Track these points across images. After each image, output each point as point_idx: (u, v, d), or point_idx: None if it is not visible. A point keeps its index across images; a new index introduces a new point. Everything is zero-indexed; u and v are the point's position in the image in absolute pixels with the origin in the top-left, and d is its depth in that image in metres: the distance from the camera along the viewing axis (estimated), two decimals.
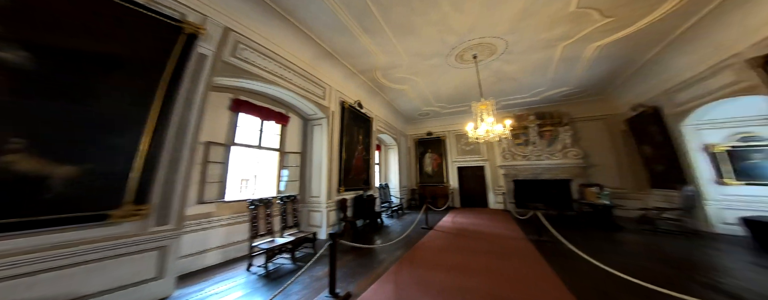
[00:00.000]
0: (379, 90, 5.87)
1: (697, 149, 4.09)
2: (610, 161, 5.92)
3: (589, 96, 6.08)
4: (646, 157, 5.14)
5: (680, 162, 4.26)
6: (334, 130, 4.61)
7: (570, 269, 2.39)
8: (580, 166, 5.97)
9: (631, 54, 3.99)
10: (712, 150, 3.98)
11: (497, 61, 4.46)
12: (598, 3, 2.82)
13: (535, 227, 3.65)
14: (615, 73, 4.75)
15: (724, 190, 3.82)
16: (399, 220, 5.60)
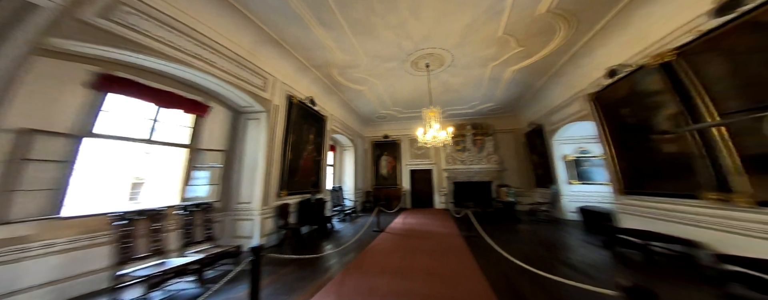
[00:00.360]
0: (336, 88, 5.55)
1: (559, 158, 5.78)
2: (515, 166, 7.73)
3: (506, 112, 7.70)
4: (534, 163, 6.99)
5: (550, 167, 5.94)
6: (277, 127, 4.01)
7: (487, 259, 2.86)
8: (497, 170, 7.55)
9: (531, 80, 5.21)
10: (566, 159, 5.72)
11: (445, 73, 4.92)
12: (515, 32, 3.47)
13: (466, 224, 4.21)
14: (521, 95, 6.12)
15: (571, 188, 5.60)
16: (352, 224, 5.49)
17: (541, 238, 3.93)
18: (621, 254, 2.93)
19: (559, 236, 4.01)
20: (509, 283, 2.20)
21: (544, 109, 6.02)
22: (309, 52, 3.93)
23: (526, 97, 6.16)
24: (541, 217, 5.52)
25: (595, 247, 3.29)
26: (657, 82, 2.78)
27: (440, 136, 4.17)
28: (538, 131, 6.38)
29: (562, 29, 3.32)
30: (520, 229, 4.60)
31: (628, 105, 3.32)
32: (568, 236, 4.00)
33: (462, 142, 7.99)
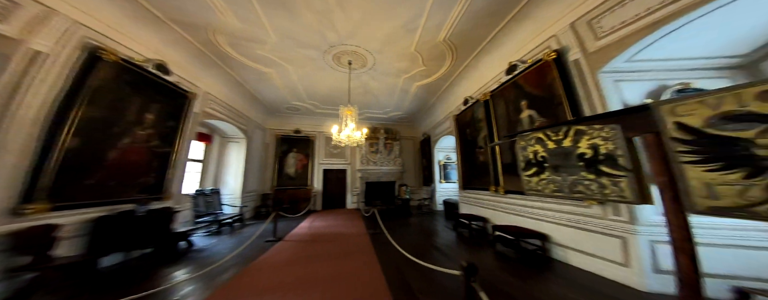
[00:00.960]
0: (223, 62, 4.31)
1: (436, 162, 7.78)
2: (412, 168, 9.37)
3: (409, 122, 9.17)
4: (423, 166, 8.86)
5: (432, 170, 7.86)
6: (43, 90, 2.37)
7: (387, 254, 3.19)
8: (400, 171, 8.78)
9: (427, 97, 6.56)
10: (440, 163, 7.80)
11: (366, 75, 5.06)
12: (422, 51, 4.17)
13: (373, 222, 4.53)
14: (420, 108, 7.54)
15: (441, 186, 7.70)
16: (232, 236, 4.31)
17: (423, 228, 5.01)
18: (460, 233, 4.42)
19: (433, 225, 5.32)
20: (401, 275, 2.49)
21: (432, 123, 7.84)
22: (173, 1, 2.77)
23: (423, 110, 7.72)
24: (424, 210, 7.17)
25: (449, 230, 4.70)
26: (482, 112, 4.43)
27: (355, 136, 4.23)
28: (427, 140, 8.24)
29: (448, 59, 4.38)
30: (411, 222, 5.61)
31: (469, 126, 5.05)
32: (437, 224, 5.41)
33: (376, 145, 8.65)
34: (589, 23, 2.58)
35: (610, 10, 2.36)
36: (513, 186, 3.60)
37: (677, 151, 0.78)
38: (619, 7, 2.28)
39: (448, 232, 4.53)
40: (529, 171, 1.23)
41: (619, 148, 0.95)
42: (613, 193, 0.96)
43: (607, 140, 0.98)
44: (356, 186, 8.32)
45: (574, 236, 2.68)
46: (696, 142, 0.75)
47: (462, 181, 5.44)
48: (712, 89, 0.74)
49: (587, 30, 2.61)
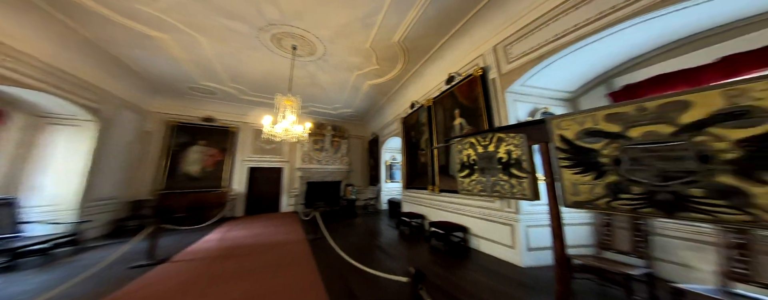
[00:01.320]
0: (52, 6, 3.06)
1: (383, 162, 8.03)
2: (359, 167, 9.25)
3: (359, 120, 9.05)
4: (371, 166, 8.94)
5: (378, 169, 8.04)
6: None
7: (329, 262, 2.97)
8: (347, 171, 8.52)
9: (377, 98, 6.67)
10: (386, 163, 8.09)
11: (314, 65, 4.65)
12: (377, 49, 4.19)
13: (313, 226, 4.13)
14: (370, 108, 7.58)
15: (387, 185, 7.98)
16: (49, 269, 2.82)
17: (368, 228, 5.00)
18: (402, 231, 4.69)
19: (377, 224, 5.40)
20: (345, 284, 2.33)
21: (381, 123, 8.05)
22: None
23: (373, 110, 7.80)
24: (370, 210, 7.20)
25: (392, 229, 4.90)
26: (425, 117, 4.89)
27: (296, 130, 3.77)
28: (376, 140, 8.38)
29: (401, 61, 4.59)
30: (356, 223, 5.51)
31: (414, 129, 5.47)
32: (381, 223, 5.53)
33: (321, 142, 8.09)
34: (504, 48, 3.14)
35: (518, 40, 2.96)
36: (446, 185, 4.10)
37: (558, 157, 1.04)
38: (524, 39, 2.89)
39: (391, 231, 4.71)
40: (463, 173, 1.39)
41: (524, 154, 1.18)
42: (518, 192, 1.19)
43: (517, 147, 1.20)
44: (295, 186, 7.62)
45: (484, 227, 3.25)
46: (569, 151, 1.01)
47: (405, 181, 5.80)
48: (580, 110, 1.01)
49: (502, 54, 3.17)
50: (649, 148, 0.81)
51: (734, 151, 0.67)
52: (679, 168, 0.75)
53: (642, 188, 0.82)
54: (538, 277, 2.40)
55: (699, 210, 0.71)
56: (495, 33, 3.25)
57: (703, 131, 0.72)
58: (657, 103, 0.80)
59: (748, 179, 0.64)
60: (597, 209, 0.92)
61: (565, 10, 2.44)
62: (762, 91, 0.63)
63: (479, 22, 3.29)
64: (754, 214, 0.63)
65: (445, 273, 2.57)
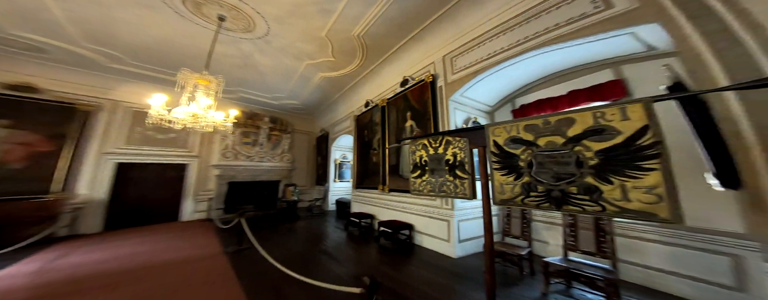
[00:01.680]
0: None
1: (332, 161, 7.73)
2: (305, 166, 8.56)
3: (307, 114, 8.39)
4: (318, 164, 8.42)
5: (327, 168, 7.68)
6: None
7: (257, 275, 2.58)
8: (288, 169, 7.73)
9: (331, 92, 6.37)
10: (336, 162, 7.83)
11: (250, 44, 4.02)
12: (334, 40, 3.98)
13: (237, 235, 3.49)
14: (322, 102, 7.15)
15: (335, 185, 7.71)
16: None
17: (312, 232, 4.67)
18: (350, 232, 4.63)
19: (324, 227, 5.13)
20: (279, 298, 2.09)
21: (332, 120, 7.73)
22: None
23: (324, 105, 7.40)
24: (315, 212, 6.74)
25: (340, 230, 4.77)
26: (379, 116, 5.02)
27: (213, 117, 3.05)
28: (325, 137, 7.97)
29: (358, 57, 4.52)
30: (298, 227, 5.06)
31: (367, 128, 5.54)
32: (328, 225, 5.29)
33: (254, 135, 7.03)
34: (451, 59, 3.49)
35: (461, 54, 3.37)
36: (396, 185, 4.31)
37: (492, 161, 1.24)
38: (466, 53, 3.31)
39: (339, 233, 4.59)
40: (416, 173, 1.49)
41: (466, 157, 1.37)
42: (460, 192, 1.36)
43: (461, 150, 1.38)
44: (209, 188, 6.26)
45: (426, 223, 3.56)
46: (499, 155, 1.23)
47: (356, 181, 5.77)
48: (508, 120, 1.24)
49: (449, 65, 3.52)
50: (549, 154, 1.08)
51: (594, 159, 0.96)
52: (566, 171, 1.03)
53: (543, 187, 1.08)
54: (466, 265, 2.82)
55: (575, 204, 0.99)
56: (446, 43, 3.56)
57: (579, 143, 1.00)
58: (556, 118, 1.07)
59: (602, 180, 0.94)
60: (516, 205, 1.16)
61: (495, 34, 2.96)
62: (612, 115, 0.94)
63: (435, 31, 3.54)
64: (603, 205, 0.93)
65: (394, 272, 2.69)
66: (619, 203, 0.90)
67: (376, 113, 5.15)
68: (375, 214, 4.85)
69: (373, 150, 5.21)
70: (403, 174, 4.12)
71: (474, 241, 3.32)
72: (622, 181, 0.89)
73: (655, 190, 0.82)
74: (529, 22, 2.61)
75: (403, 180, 4.11)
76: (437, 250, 3.34)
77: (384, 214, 4.56)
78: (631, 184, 0.87)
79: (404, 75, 4.40)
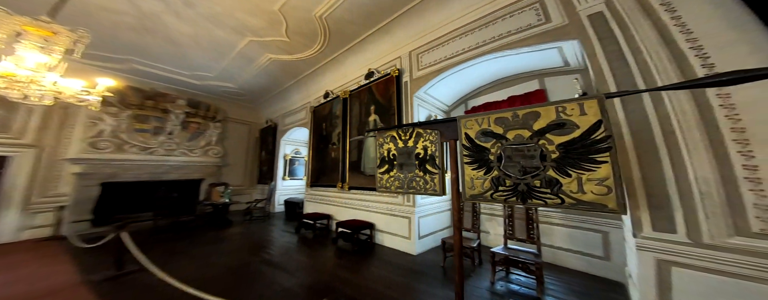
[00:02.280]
0: None
1: (281, 156, 6.96)
2: (241, 161, 7.40)
3: (247, 101, 7.26)
4: (262, 160, 7.43)
5: (274, 164, 6.85)
6: None
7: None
8: (217, 165, 6.53)
9: (282, 78, 5.67)
10: (286, 158, 7.08)
11: (160, 4, 3.19)
12: (290, 19, 3.50)
13: (115, 255, 2.58)
14: (269, 88, 6.30)
15: (284, 183, 6.96)
16: None
17: (251, 239, 4.03)
18: (303, 236, 4.21)
19: (267, 231, 4.51)
20: None
21: (282, 110, 6.93)
22: None
23: (272, 92, 6.54)
24: (256, 215, 5.86)
25: (290, 234, 4.29)
26: (340, 109, 4.77)
27: (62, 85, 2.15)
28: (273, 129, 7.09)
29: (319, 43, 4.11)
30: (230, 235, 4.29)
31: (326, 121, 5.19)
32: (273, 229, 4.69)
33: (157, 120, 5.59)
34: (418, 56, 3.54)
35: (427, 51, 3.43)
36: (356, 182, 4.14)
37: (463, 154, 1.22)
38: (432, 51, 3.38)
39: (288, 238, 4.12)
40: (383, 168, 1.36)
41: (437, 150, 1.32)
42: (430, 187, 1.31)
43: (432, 143, 1.32)
44: (58, 193, 4.45)
45: (388, 221, 3.54)
46: (471, 148, 1.22)
47: (311, 178, 5.33)
48: (480, 112, 1.24)
49: (415, 61, 3.55)
50: (517, 147, 1.11)
51: (556, 152, 1.02)
52: (532, 164, 1.07)
53: (511, 181, 1.11)
54: (426, 262, 2.90)
55: (538, 197, 1.04)
56: (413, 39, 3.59)
57: (544, 136, 1.06)
58: (524, 112, 1.11)
59: (561, 173, 1.00)
60: (485, 201, 1.16)
61: (459, 34, 3.10)
62: (572, 109, 1.01)
63: (403, 24, 3.50)
64: (562, 198, 0.99)
65: (353, 276, 2.53)
66: (575, 195, 0.97)
67: (337, 105, 4.84)
68: (333, 214, 4.57)
69: (332, 145, 4.88)
70: (366, 170, 3.98)
71: (432, 236, 3.47)
72: (579, 174, 0.97)
73: (605, 182, 0.91)
74: (488, 27, 2.84)
75: (365, 177, 3.97)
76: (398, 248, 3.34)
77: (343, 214, 4.33)
78: (586, 176, 0.95)
79: (370, 67, 4.25)
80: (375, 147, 1.43)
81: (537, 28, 2.45)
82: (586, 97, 0.99)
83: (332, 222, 4.49)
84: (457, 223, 1.23)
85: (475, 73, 3.37)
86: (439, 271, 2.61)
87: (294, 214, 5.67)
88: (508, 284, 2.24)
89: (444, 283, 2.33)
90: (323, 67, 4.98)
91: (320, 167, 5.14)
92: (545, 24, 2.40)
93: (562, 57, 2.77)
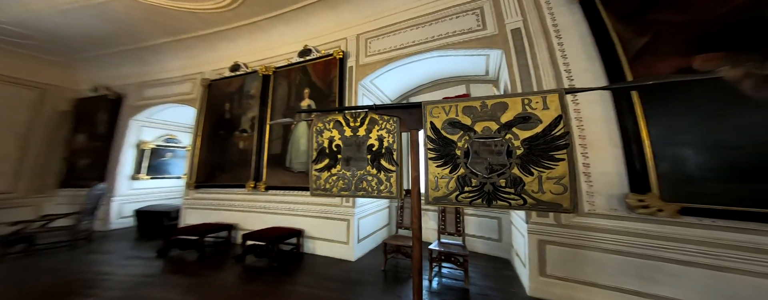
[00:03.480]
0: None
1: (131, 144, 4.72)
2: (12, 151, 4.40)
3: (42, 51, 4.44)
4: (74, 149, 4.84)
5: (109, 156, 4.54)
6: None
7: None
8: None
9: (149, 31, 3.88)
10: (143, 146, 4.88)
11: None
12: None
13: None
14: (103, 39, 4.12)
15: (134, 184, 4.80)
16: None
17: (55, 279, 2.35)
18: (175, 261, 2.94)
19: (81, 268, 2.80)
20: None
21: (139, 76, 4.74)
22: None
23: (110, 46, 4.24)
24: (46, 241, 3.42)
25: (147, 261, 2.91)
26: (257, 87, 3.78)
27: None
28: (111, 101, 4.65)
29: None
30: None
31: (231, 101, 4.00)
32: (111, 257, 3.05)
33: None
34: (367, 41, 3.36)
35: (378, 37, 3.30)
36: (278, 181, 3.39)
37: (427, 148, 1.02)
38: (383, 38, 3.26)
39: (142, 267, 2.78)
40: (322, 163, 0.96)
41: (396, 142, 1.06)
42: (385, 189, 1.04)
43: (390, 133, 1.04)
44: None
45: (321, 226, 3.14)
46: (436, 141, 1.04)
47: (197, 176, 3.92)
48: (448, 98, 1.08)
49: (364, 46, 3.37)
50: (485, 142, 1.03)
51: (520, 149, 1.00)
52: (498, 162, 1.01)
53: (477, 181, 1.02)
54: (365, 268, 2.70)
55: (503, 198, 1.00)
56: (363, 21, 3.37)
57: (510, 130, 1.01)
58: (492, 102, 1.04)
59: (525, 171, 0.99)
60: (449, 204, 1.02)
61: (411, 26, 3.11)
62: (536, 103, 1.00)
63: (352, 2, 3.22)
64: (525, 198, 0.98)
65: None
66: (536, 195, 0.98)
67: (253, 82, 3.82)
68: (237, 223, 3.54)
69: (241, 132, 3.76)
70: (293, 166, 3.31)
71: (372, 237, 3.33)
72: (539, 172, 0.98)
73: (562, 181, 0.95)
74: (438, 23, 2.96)
75: (292, 174, 3.30)
76: (334, 256, 2.98)
77: (254, 222, 3.42)
78: (545, 174, 0.97)
79: (307, 44, 3.66)
80: (310, 136, 0.99)
81: (475, 34, 2.71)
82: (548, 91, 1.01)
83: (237, 234, 3.47)
84: (416, 232, 1.03)
85: (419, 70, 3.45)
86: (380, 276, 2.47)
87: (157, 230, 3.96)
88: (442, 279, 2.39)
89: (386, 289, 2.23)
90: (234, 32, 3.80)
91: (218, 161, 3.89)
92: (482, 30, 2.69)
93: (486, 66, 3.20)
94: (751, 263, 1.47)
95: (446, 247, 2.38)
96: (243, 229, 3.49)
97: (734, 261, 1.51)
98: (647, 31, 1.96)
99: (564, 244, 1.96)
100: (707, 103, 1.71)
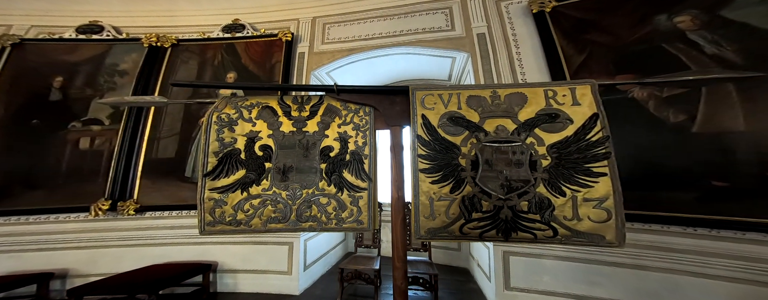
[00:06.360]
0: None
1: None
2: None
3: None
4: None
5: None
6: None
7: None
8: None
9: None
10: None
11: None
12: None
13: None
14: None
15: None
16: None
17: None
18: None
19: None
20: None
21: None
22: None
23: None
24: None
25: None
26: (136, 61, 2.92)
27: None
28: None
29: None
30: None
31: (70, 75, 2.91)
32: None
33: None
34: (324, 26, 3.27)
35: (338, 23, 3.25)
36: (167, 198, 2.60)
37: (418, 155, 0.76)
38: (344, 25, 3.20)
39: None
40: (232, 177, 0.59)
41: (368, 145, 0.77)
42: (350, 218, 0.73)
43: (359, 130, 0.76)
44: None
45: (249, 254, 2.73)
46: (431, 144, 0.79)
47: None
48: (447, 86, 0.86)
49: (321, 31, 3.27)
50: (499, 147, 0.80)
51: (548, 158, 0.80)
52: (519, 176, 0.81)
53: (490, 204, 0.77)
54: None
55: (524, 228, 0.77)
56: (321, 3, 3.29)
57: (532, 132, 0.82)
58: (506, 92, 0.85)
59: (554, 190, 0.78)
60: (451, 238, 0.75)
61: (377, 16, 3.11)
62: (563, 96, 0.83)
63: None
64: (555, 228, 0.76)
65: None
66: (569, 224, 0.78)
67: (127, 54, 3.01)
68: (70, 268, 2.47)
69: (86, 123, 2.78)
70: (196, 176, 2.34)
71: (322, 260, 3.09)
72: (574, 192, 0.77)
73: (605, 204, 0.77)
74: (407, 17, 3.03)
75: (193, 187, 2.56)
76: (270, 291, 2.55)
77: (118, 262, 2.47)
78: (581, 194, 0.78)
79: (238, 18, 3.29)
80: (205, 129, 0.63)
81: (445, 33, 2.85)
82: (578, 81, 0.84)
83: (65, 283, 2.42)
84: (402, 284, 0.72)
85: (382, 68, 3.47)
86: None
87: None
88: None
89: None
90: None
91: (25, 170, 2.64)
92: (451, 31, 2.85)
93: (451, 70, 3.31)
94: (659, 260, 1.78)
95: (413, 266, 2.21)
96: (82, 276, 2.47)
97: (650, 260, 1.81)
98: (584, 50, 2.21)
99: (527, 254, 2.08)
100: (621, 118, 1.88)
